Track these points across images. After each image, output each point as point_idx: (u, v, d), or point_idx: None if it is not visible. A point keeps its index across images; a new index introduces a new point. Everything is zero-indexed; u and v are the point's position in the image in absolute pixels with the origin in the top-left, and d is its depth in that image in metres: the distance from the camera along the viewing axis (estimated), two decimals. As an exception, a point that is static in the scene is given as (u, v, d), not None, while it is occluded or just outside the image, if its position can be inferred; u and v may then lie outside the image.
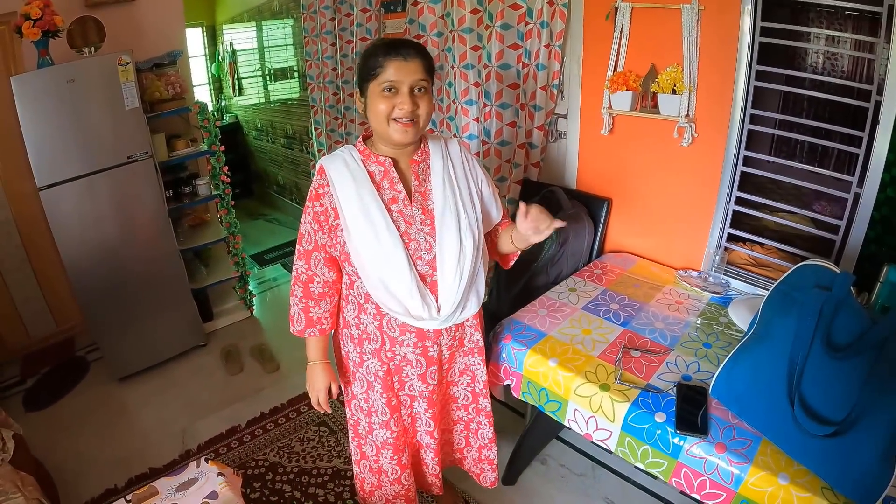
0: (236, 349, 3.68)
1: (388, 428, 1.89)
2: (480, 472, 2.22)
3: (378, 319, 1.74)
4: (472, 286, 1.76)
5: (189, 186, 3.66)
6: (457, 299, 1.69)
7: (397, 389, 1.87)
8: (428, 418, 1.93)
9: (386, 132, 1.59)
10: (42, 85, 2.76)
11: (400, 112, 1.54)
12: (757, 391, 1.56)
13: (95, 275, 3.15)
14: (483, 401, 2.05)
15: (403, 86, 1.53)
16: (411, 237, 1.65)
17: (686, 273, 2.48)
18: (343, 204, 1.62)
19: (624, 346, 1.99)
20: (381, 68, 1.54)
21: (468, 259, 1.68)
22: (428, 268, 1.67)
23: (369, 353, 1.80)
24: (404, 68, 1.53)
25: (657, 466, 1.70)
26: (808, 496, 1.41)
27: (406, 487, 2.03)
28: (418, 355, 1.78)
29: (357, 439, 2.04)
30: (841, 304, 1.46)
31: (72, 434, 3.01)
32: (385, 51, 1.54)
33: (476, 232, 1.72)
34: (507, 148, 2.99)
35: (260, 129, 6.50)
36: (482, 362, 1.98)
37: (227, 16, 6.30)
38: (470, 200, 1.75)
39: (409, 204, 1.67)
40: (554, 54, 2.67)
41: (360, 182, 1.63)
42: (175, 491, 1.73)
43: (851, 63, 2.11)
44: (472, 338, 1.94)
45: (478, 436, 2.14)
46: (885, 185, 1.99)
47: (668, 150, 2.45)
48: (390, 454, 1.94)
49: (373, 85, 1.57)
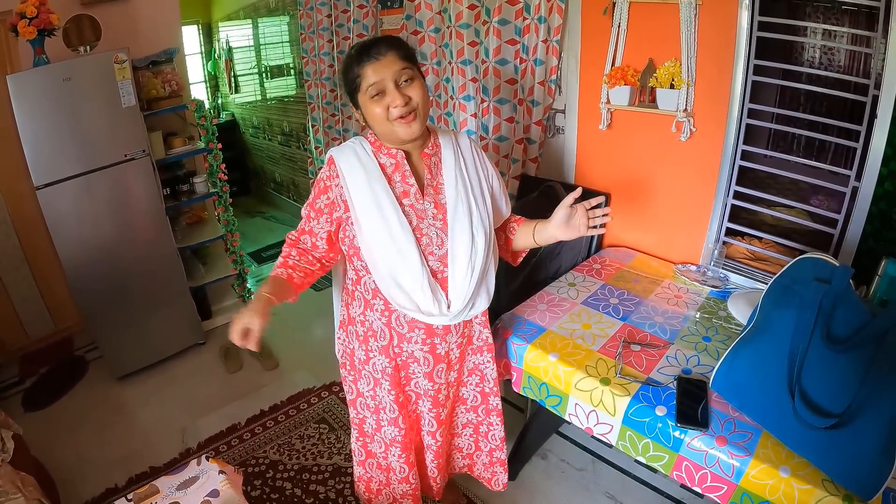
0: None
1: (397, 425, 1.88)
2: (492, 477, 2.21)
3: (386, 316, 1.72)
4: (483, 282, 1.75)
5: (186, 184, 3.65)
6: (467, 296, 1.67)
7: (404, 386, 1.86)
8: (431, 418, 1.92)
9: (392, 133, 1.58)
10: (38, 83, 2.75)
11: (395, 109, 1.53)
12: (757, 384, 1.56)
13: (93, 274, 3.15)
14: (493, 399, 2.04)
15: (387, 83, 1.52)
16: (423, 232, 1.63)
17: (685, 267, 2.49)
18: (354, 197, 1.60)
19: (624, 340, 2.00)
20: (359, 77, 1.54)
21: (479, 255, 1.67)
22: (439, 263, 1.66)
23: (376, 350, 1.79)
24: (381, 67, 1.52)
25: (658, 460, 1.71)
26: (808, 488, 1.41)
27: (413, 486, 2.01)
28: (426, 352, 1.77)
29: (362, 438, 2.02)
30: (840, 297, 1.46)
31: (71, 434, 3.01)
32: (357, 59, 1.54)
33: (488, 227, 1.72)
34: (506, 143, 2.99)
35: (257, 127, 6.50)
36: (492, 359, 1.97)
37: (223, 13, 6.29)
38: (481, 195, 1.74)
39: (422, 198, 1.66)
40: (551, 49, 2.67)
41: (371, 174, 1.61)
42: (176, 489, 1.72)
43: (849, 57, 2.12)
44: (480, 335, 1.93)
45: (488, 438, 2.13)
46: (883, 179, 2.00)
47: (667, 145, 2.45)
48: (399, 451, 1.93)
49: (360, 96, 1.57)
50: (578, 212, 1.68)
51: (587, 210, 1.68)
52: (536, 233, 1.81)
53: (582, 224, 1.68)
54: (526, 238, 1.87)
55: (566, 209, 1.68)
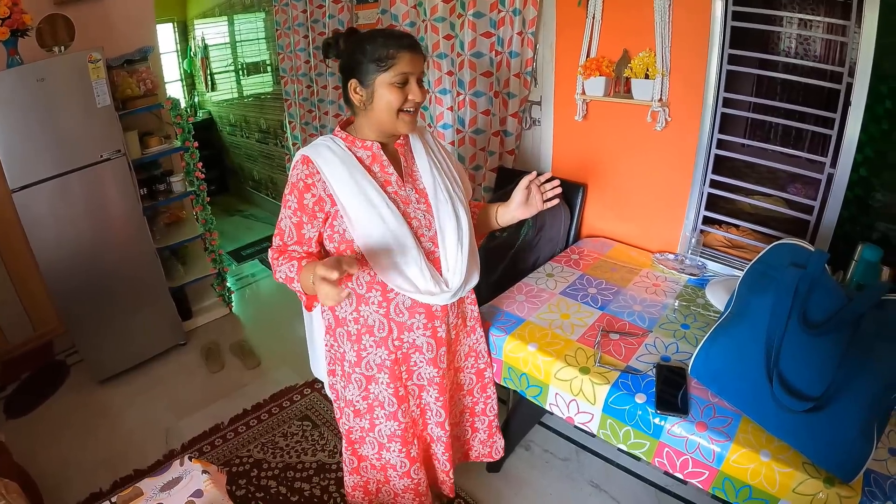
0: (216, 346, 3.67)
1: (396, 419, 1.86)
2: (491, 448, 2.24)
3: (384, 307, 1.71)
4: (473, 258, 1.77)
5: (163, 184, 3.63)
6: (462, 271, 1.70)
7: (405, 379, 1.85)
8: (438, 408, 1.92)
9: (393, 124, 1.58)
10: (11, 85, 2.71)
11: (411, 103, 1.56)
12: (735, 369, 1.58)
13: (72, 277, 3.12)
14: (488, 372, 2.08)
15: (414, 77, 1.55)
16: (412, 216, 1.65)
17: (663, 256, 2.51)
18: (338, 190, 1.58)
19: (602, 329, 2.01)
20: (393, 60, 1.52)
21: (465, 231, 1.71)
22: (430, 244, 1.68)
23: (372, 345, 1.77)
24: (417, 60, 1.54)
25: (639, 447, 1.72)
26: (789, 472, 1.43)
27: (416, 481, 1.98)
28: (428, 337, 1.78)
29: (351, 446, 2.00)
30: (816, 282, 1.48)
31: (54, 439, 2.99)
32: (398, 43, 1.52)
33: (466, 206, 1.76)
34: (482, 136, 3.00)
35: (234, 125, 6.46)
36: (483, 335, 2.02)
37: (199, 10, 6.22)
38: (453, 177, 1.79)
39: (403, 185, 1.67)
40: (527, 42, 2.67)
41: (351, 167, 1.60)
42: (160, 491, 1.71)
43: (824, 46, 2.14)
44: (472, 315, 1.96)
45: (486, 412, 2.15)
46: (858, 165, 2.02)
47: (642, 135, 2.47)
48: (398, 447, 1.91)
49: (383, 76, 1.54)
50: (533, 190, 1.79)
51: (539, 186, 1.80)
52: (499, 216, 1.89)
53: (538, 200, 1.81)
54: (488, 221, 1.94)
55: (523, 191, 1.79)
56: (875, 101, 1.92)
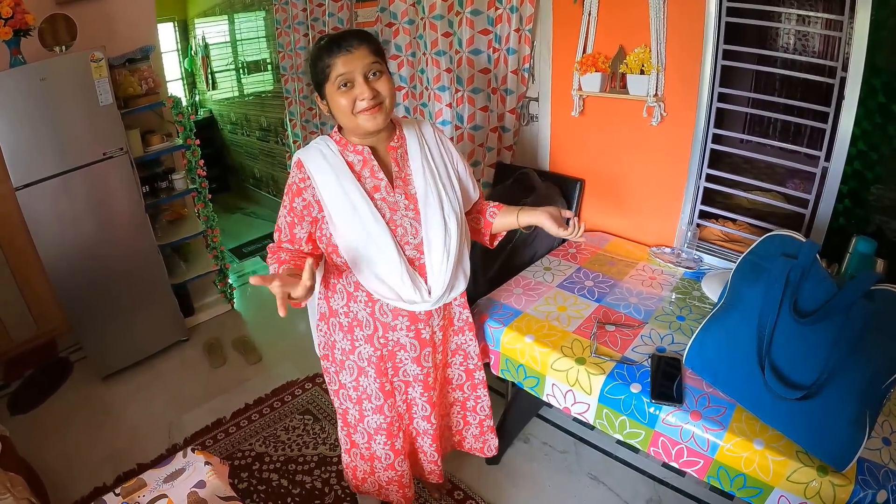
0: (218, 342, 3.69)
1: (382, 413, 1.91)
2: (483, 445, 2.27)
3: (370, 306, 1.75)
4: (459, 265, 1.78)
5: (165, 181, 3.65)
6: (446, 280, 1.71)
7: (391, 375, 1.88)
8: (424, 402, 1.95)
9: (355, 125, 1.59)
10: (14, 84, 2.74)
11: (361, 102, 1.54)
12: (729, 359, 1.60)
13: (75, 274, 3.14)
14: (478, 374, 2.09)
15: (356, 75, 1.53)
16: (397, 223, 1.66)
17: (659, 250, 2.53)
18: (325, 196, 1.62)
19: (598, 320, 2.03)
20: (329, 67, 1.53)
21: (453, 239, 1.71)
22: (415, 252, 1.68)
23: (361, 339, 1.81)
24: (352, 59, 1.52)
25: (635, 437, 1.74)
26: (783, 460, 1.45)
27: (399, 473, 2.04)
28: (412, 338, 1.80)
29: (346, 428, 2.06)
30: (807, 272, 1.50)
31: (59, 435, 3.01)
32: (328, 50, 1.53)
33: (458, 212, 1.75)
34: (480, 132, 3.02)
35: (235, 123, 6.47)
36: (473, 338, 2.02)
37: (199, 10, 6.23)
38: (449, 181, 1.77)
39: (392, 191, 1.67)
40: (524, 38, 2.70)
41: (339, 172, 1.62)
42: (163, 482, 1.74)
43: (819, 41, 2.15)
44: (460, 316, 1.97)
45: (476, 410, 2.18)
46: (852, 158, 2.03)
47: (639, 130, 2.49)
48: (384, 439, 1.96)
49: (328, 86, 1.56)
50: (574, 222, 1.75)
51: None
52: (522, 214, 1.85)
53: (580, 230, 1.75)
54: (509, 219, 1.91)
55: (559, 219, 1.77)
56: (868, 96, 1.93)
